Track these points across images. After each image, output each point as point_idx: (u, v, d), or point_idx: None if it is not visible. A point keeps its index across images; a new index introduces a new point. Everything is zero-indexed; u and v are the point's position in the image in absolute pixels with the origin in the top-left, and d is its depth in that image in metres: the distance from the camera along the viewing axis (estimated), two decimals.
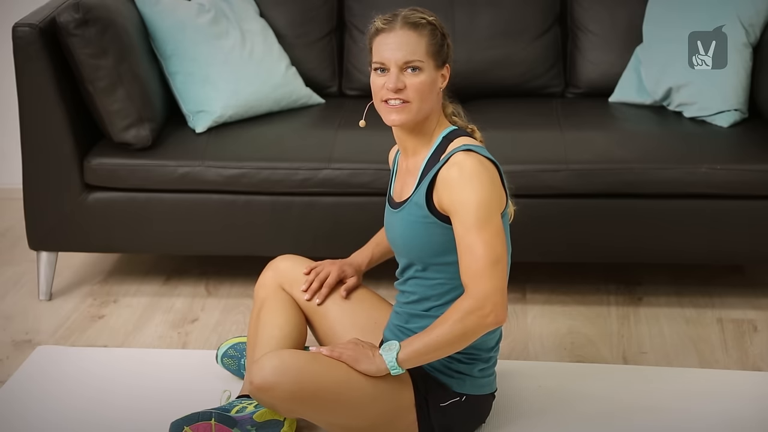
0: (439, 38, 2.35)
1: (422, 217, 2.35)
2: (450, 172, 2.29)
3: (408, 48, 2.32)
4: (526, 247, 3.05)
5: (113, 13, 3.15)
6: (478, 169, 2.28)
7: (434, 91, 2.36)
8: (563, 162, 3.07)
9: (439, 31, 2.36)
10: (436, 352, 2.29)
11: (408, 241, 2.40)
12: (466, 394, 2.43)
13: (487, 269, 2.25)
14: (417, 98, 2.33)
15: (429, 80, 2.34)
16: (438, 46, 2.35)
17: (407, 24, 2.33)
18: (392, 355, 2.31)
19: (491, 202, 2.28)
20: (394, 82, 2.32)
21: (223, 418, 2.41)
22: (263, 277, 2.67)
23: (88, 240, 3.23)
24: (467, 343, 2.28)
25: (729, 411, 2.63)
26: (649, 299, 3.25)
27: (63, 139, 3.14)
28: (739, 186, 3.03)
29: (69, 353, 2.95)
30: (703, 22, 3.27)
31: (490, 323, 2.25)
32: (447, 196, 2.30)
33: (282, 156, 3.15)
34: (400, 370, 2.31)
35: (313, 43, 3.60)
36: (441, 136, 2.39)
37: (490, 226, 2.26)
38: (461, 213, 2.27)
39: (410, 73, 2.32)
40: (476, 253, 2.25)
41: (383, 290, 3.11)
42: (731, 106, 3.23)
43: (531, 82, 3.56)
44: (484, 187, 2.27)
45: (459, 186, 2.27)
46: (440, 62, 2.36)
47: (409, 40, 2.32)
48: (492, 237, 2.26)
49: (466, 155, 2.30)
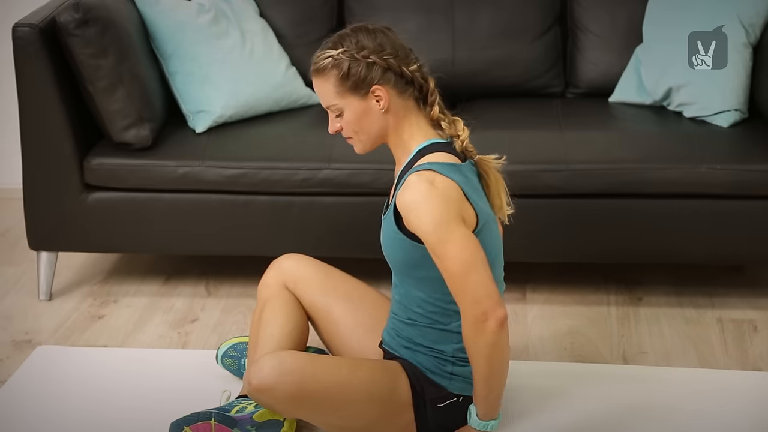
0: (347, 70, 2.32)
1: (393, 232, 2.36)
2: (403, 197, 2.29)
3: (321, 96, 2.38)
4: (526, 247, 3.06)
5: (113, 13, 3.15)
6: (426, 191, 2.26)
7: (370, 120, 2.36)
8: (563, 162, 3.07)
9: (347, 61, 2.32)
10: (492, 384, 2.31)
11: (387, 250, 2.43)
12: (462, 395, 2.43)
13: (463, 282, 2.25)
14: (353, 132, 2.39)
15: (354, 116, 2.36)
16: (349, 80, 2.32)
17: (314, 72, 2.37)
18: (476, 421, 2.35)
19: (447, 217, 2.25)
20: (330, 128, 2.41)
21: (223, 418, 2.41)
22: (266, 276, 2.67)
23: (88, 240, 3.23)
24: (504, 353, 2.29)
25: (729, 411, 2.63)
26: (649, 299, 3.25)
27: (63, 139, 3.14)
28: (739, 186, 3.03)
29: (69, 353, 2.95)
30: (703, 22, 3.27)
31: (496, 326, 2.24)
32: (407, 221, 2.30)
33: (282, 156, 3.15)
34: (494, 421, 2.35)
35: (313, 43, 3.59)
36: (416, 150, 2.38)
37: (452, 239, 2.25)
38: (423, 236, 2.28)
39: (335, 115, 2.39)
40: (450, 272, 2.26)
41: (382, 290, 3.11)
42: (731, 106, 3.23)
43: (531, 82, 3.56)
44: (435, 208, 2.25)
45: (413, 212, 2.27)
46: (362, 91, 2.34)
47: (319, 88, 2.38)
48: (458, 250, 2.25)
49: (418, 177, 2.28)
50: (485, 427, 2.34)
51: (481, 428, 2.34)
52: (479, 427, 2.34)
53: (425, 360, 2.43)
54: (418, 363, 2.43)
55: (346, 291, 2.66)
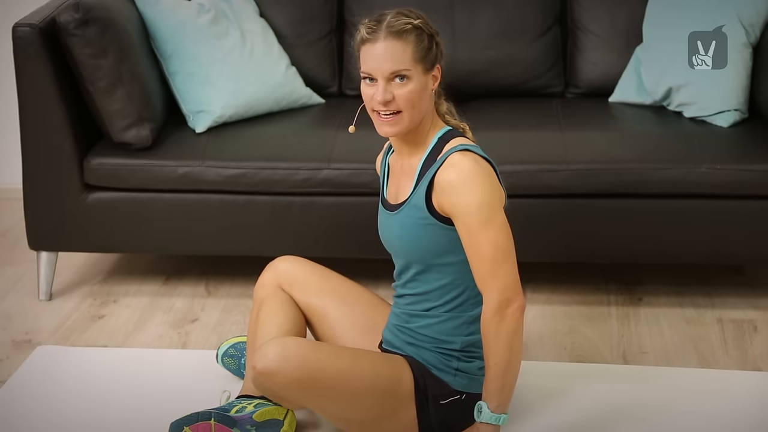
0: (426, 41, 2.30)
1: (421, 218, 2.35)
2: (448, 175, 2.28)
3: (393, 58, 2.28)
4: (526, 247, 3.04)
5: (113, 13, 3.15)
6: (474, 169, 2.27)
7: (425, 96, 2.33)
8: (563, 162, 3.07)
9: (426, 33, 2.31)
10: (508, 374, 2.31)
11: (407, 242, 2.40)
12: (465, 392, 2.43)
13: (495, 269, 2.26)
14: (408, 107, 2.31)
15: (418, 87, 2.30)
16: (425, 50, 2.30)
17: (391, 33, 2.27)
18: (488, 414, 2.33)
19: (492, 200, 2.28)
20: (382, 95, 2.29)
21: (223, 418, 2.41)
22: (262, 277, 2.67)
23: (88, 240, 3.23)
24: (521, 342, 2.30)
25: (729, 411, 2.63)
26: (649, 299, 3.25)
27: (63, 139, 3.14)
28: (739, 186, 3.03)
29: (69, 353, 2.95)
30: (703, 22, 3.27)
31: (519, 313, 2.27)
32: (447, 200, 2.29)
33: (282, 156, 3.15)
34: (505, 415, 2.34)
35: (313, 43, 3.60)
36: (436, 137, 2.38)
37: (494, 223, 2.27)
38: (463, 216, 2.27)
39: (398, 82, 2.29)
40: (483, 255, 2.26)
41: (383, 290, 3.11)
42: (731, 106, 3.23)
43: (531, 82, 3.56)
44: (483, 187, 2.27)
45: (458, 189, 2.27)
46: (429, 65, 2.32)
47: (394, 50, 2.28)
48: (497, 234, 2.26)
49: (462, 156, 2.29)
50: (497, 421, 2.33)
51: (494, 422, 2.33)
52: (492, 421, 2.33)
53: (430, 356, 2.43)
54: (423, 360, 2.43)
55: (342, 293, 2.65)
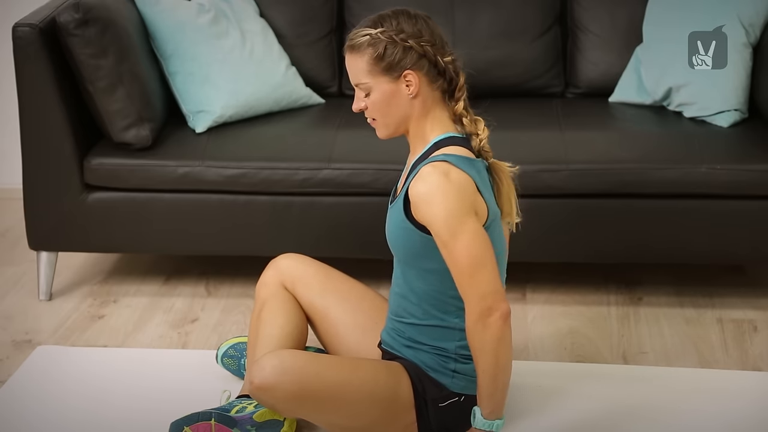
0: (383, 50, 2.31)
1: (402, 221, 2.36)
2: (415, 188, 2.28)
3: (352, 71, 2.37)
4: (526, 247, 3.05)
5: (113, 13, 3.15)
6: (440, 182, 2.26)
7: (397, 103, 2.35)
8: (563, 162, 3.07)
9: (384, 42, 2.31)
10: (497, 380, 2.30)
11: (392, 238, 2.42)
12: (464, 394, 2.43)
13: (472, 279, 2.26)
14: (378, 115, 2.37)
15: (382, 97, 2.34)
16: (384, 60, 2.32)
17: (349, 47, 2.36)
18: (481, 421, 2.33)
19: (460, 211, 2.26)
20: (354, 104, 2.39)
21: (223, 418, 2.41)
22: (265, 276, 2.67)
23: (88, 240, 3.23)
24: (509, 348, 2.29)
25: (729, 411, 2.63)
26: (649, 299, 3.25)
27: (63, 139, 3.14)
28: (739, 186, 3.03)
29: (69, 353, 2.95)
30: (703, 22, 3.27)
31: (501, 321, 2.25)
32: (417, 212, 2.30)
33: (282, 156, 3.15)
34: (500, 421, 2.34)
35: (313, 43, 3.60)
36: (433, 141, 2.38)
37: (464, 233, 2.25)
38: (434, 228, 2.27)
39: (364, 94, 2.37)
40: (459, 265, 2.26)
41: (383, 290, 3.11)
42: (731, 106, 3.23)
43: (531, 82, 3.56)
44: (448, 200, 2.25)
45: (424, 202, 2.27)
46: (395, 74, 2.33)
47: (351, 63, 2.36)
48: (469, 243, 2.25)
49: (433, 168, 2.28)
50: (491, 427, 2.33)
51: (487, 428, 2.33)
52: (485, 427, 2.33)
53: (428, 358, 2.43)
54: (420, 362, 2.43)
55: (345, 291, 2.66)
